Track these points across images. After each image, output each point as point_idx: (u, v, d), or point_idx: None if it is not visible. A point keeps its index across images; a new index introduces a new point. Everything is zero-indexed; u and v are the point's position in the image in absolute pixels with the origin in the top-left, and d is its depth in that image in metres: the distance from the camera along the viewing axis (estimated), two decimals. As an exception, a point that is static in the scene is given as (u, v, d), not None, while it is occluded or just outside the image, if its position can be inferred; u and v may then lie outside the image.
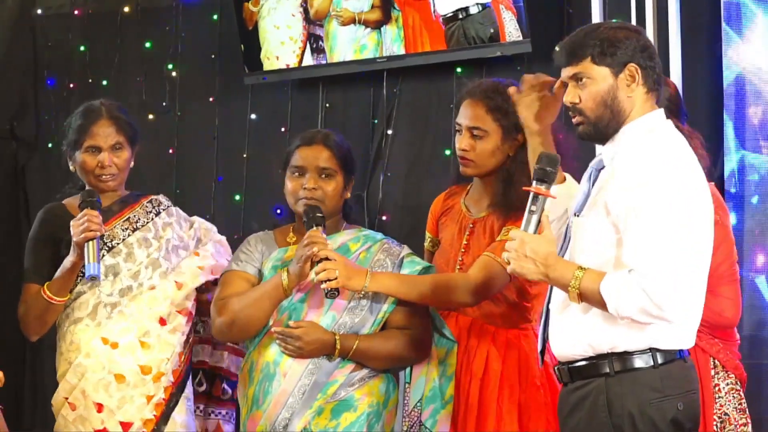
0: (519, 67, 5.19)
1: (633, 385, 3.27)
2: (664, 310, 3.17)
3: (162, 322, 4.15)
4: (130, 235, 4.19)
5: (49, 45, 6.35)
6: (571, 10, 5.14)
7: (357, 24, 5.46)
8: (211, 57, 6.01)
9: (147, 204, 4.27)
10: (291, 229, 4.09)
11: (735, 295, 4.14)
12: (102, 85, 6.19)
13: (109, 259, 4.14)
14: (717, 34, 4.78)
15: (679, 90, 4.57)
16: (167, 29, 6.07)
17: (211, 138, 5.99)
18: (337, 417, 3.88)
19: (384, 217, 5.55)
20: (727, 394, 4.11)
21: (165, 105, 6.08)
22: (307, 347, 3.84)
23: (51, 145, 6.15)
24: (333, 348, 3.86)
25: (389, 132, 5.56)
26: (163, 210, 4.30)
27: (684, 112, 4.26)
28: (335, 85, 5.69)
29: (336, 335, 3.86)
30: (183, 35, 6.05)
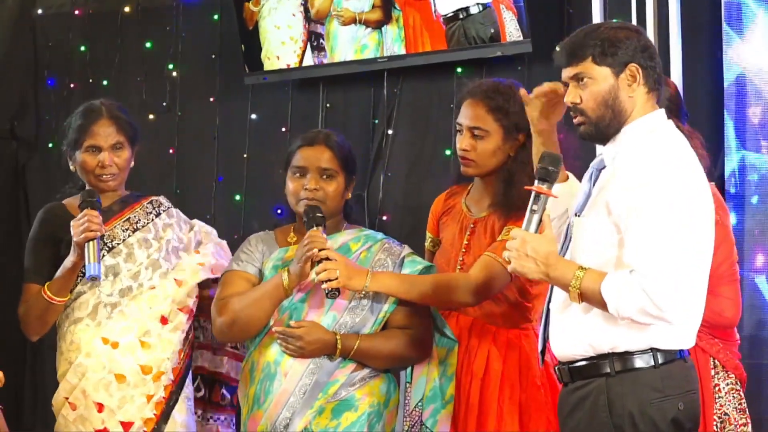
0: (519, 67, 5.20)
1: (634, 385, 3.27)
2: (665, 311, 3.17)
3: (163, 320, 4.14)
4: (131, 235, 4.19)
5: (49, 45, 6.35)
6: (571, 10, 5.14)
7: (358, 24, 5.46)
8: (212, 57, 6.00)
9: (147, 205, 4.27)
10: (292, 229, 4.09)
11: (735, 295, 4.13)
12: (102, 85, 6.18)
13: (109, 259, 4.14)
14: (717, 34, 4.78)
15: (680, 90, 4.57)
16: (168, 29, 6.06)
17: (211, 138, 5.99)
18: (338, 417, 3.87)
19: (384, 217, 5.54)
20: (727, 394, 4.11)
21: (165, 105, 6.08)
22: (308, 347, 3.84)
23: (51, 145, 6.15)
24: (334, 348, 3.85)
25: (390, 132, 5.56)
26: (163, 211, 4.30)
27: (684, 112, 4.26)
28: (336, 85, 5.69)
29: (337, 335, 3.86)
30: (183, 35, 6.05)
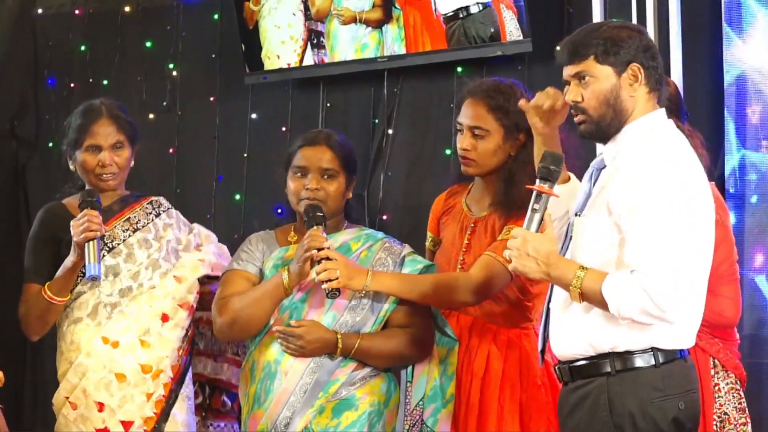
0: (519, 67, 5.20)
1: (634, 384, 3.27)
2: (666, 312, 3.17)
3: (164, 318, 4.14)
4: (131, 235, 4.19)
5: (49, 44, 6.35)
6: (571, 10, 5.13)
7: (358, 23, 5.46)
8: (212, 56, 6.00)
9: (147, 205, 4.27)
10: (292, 228, 4.09)
11: (735, 295, 4.14)
12: (102, 84, 6.18)
13: (109, 259, 4.14)
14: (718, 34, 4.78)
15: (680, 89, 4.57)
16: (168, 29, 6.06)
17: (211, 137, 5.98)
18: (338, 416, 3.87)
19: (384, 217, 5.54)
20: (726, 393, 4.11)
21: (165, 104, 6.07)
22: (308, 346, 3.84)
23: (51, 144, 6.15)
24: (334, 347, 3.85)
25: (390, 131, 5.55)
26: (163, 211, 4.30)
27: (684, 112, 4.26)
28: (336, 85, 5.68)
29: (338, 334, 3.86)
30: (183, 35, 6.04)
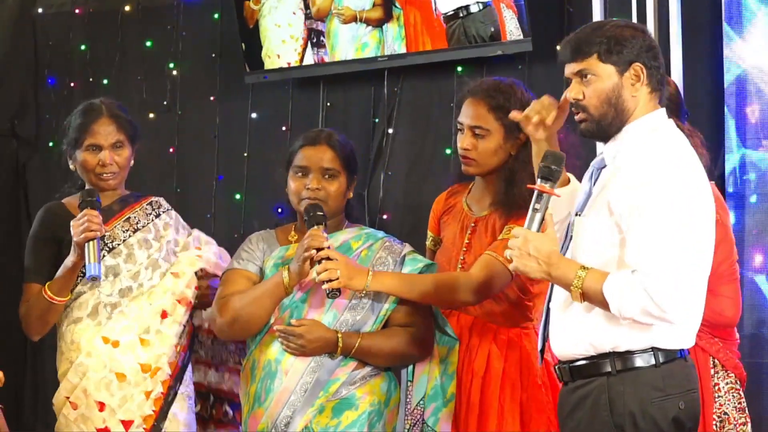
0: (520, 66, 5.20)
1: (635, 384, 3.27)
2: (667, 312, 3.16)
3: (164, 315, 4.14)
4: (131, 236, 4.19)
5: (49, 44, 6.35)
6: (571, 10, 5.14)
7: (358, 22, 5.46)
8: (212, 56, 6.00)
9: (147, 206, 4.27)
10: (293, 227, 4.08)
11: (735, 295, 4.14)
12: (103, 84, 6.18)
13: (109, 259, 4.13)
14: (718, 33, 4.78)
15: (680, 89, 4.56)
16: (168, 28, 6.06)
17: (211, 137, 5.98)
18: (338, 415, 3.87)
19: (385, 216, 5.54)
20: (726, 393, 4.11)
21: (166, 104, 6.08)
22: (309, 345, 3.84)
23: (52, 144, 6.15)
24: (335, 346, 3.85)
25: (390, 131, 5.55)
26: (163, 212, 4.30)
27: (684, 111, 4.26)
28: (336, 84, 5.69)
29: (338, 333, 3.86)
30: (184, 34, 6.05)
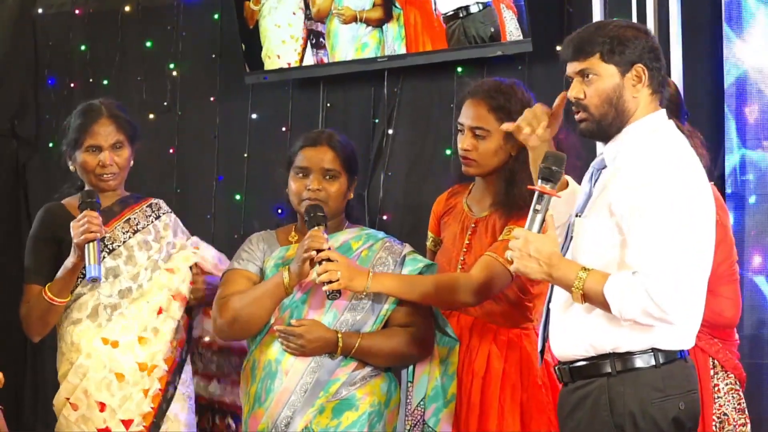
0: (520, 67, 5.20)
1: (635, 384, 3.27)
2: (668, 313, 3.17)
3: (159, 311, 4.15)
4: (131, 237, 4.19)
5: (49, 44, 6.35)
6: (571, 10, 5.14)
7: (358, 22, 5.46)
8: (212, 56, 6.00)
9: (147, 208, 4.27)
10: (293, 228, 4.08)
11: (735, 295, 4.14)
12: (103, 84, 6.18)
13: (109, 261, 4.13)
14: (718, 34, 4.78)
15: (680, 89, 4.56)
16: (168, 28, 6.06)
17: (211, 137, 5.98)
18: (338, 416, 3.87)
19: (385, 217, 5.54)
20: (726, 394, 4.11)
21: (166, 104, 6.08)
22: (309, 345, 3.84)
23: (52, 144, 6.15)
24: (335, 346, 3.85)
25: (390, 131, 5.56)
26: (163, 214, 4.30)
27: (684, 112, 4.26)
28: (336, 85, 5.69)
29: (338, 333, 3.86)
30: (184, 34, 6.05)
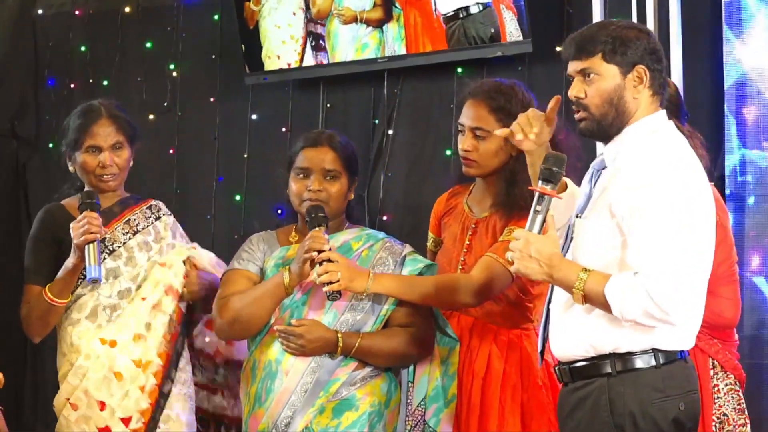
0: (520, 67, 5.20)
1: (635, 385, 3.27)
2: (669, 314, 3.17)
3: (155, 307, 4.14)
4: (131, 238, 4.19)
5: (49, 45, 6.34)
6: (571, 10, 5.14)
7: (359, 23, 5.46)
8: (212, 57, 6.00)
9: (146, 209, 4.27)
10: (293, 228, 4.09)
11: (734, 296, 4.14)
12: (103, 84, 6.18)
13: (110, 262, 4.14)
14: (718, 34, 4.78)
15: (680, 90, 4.57)
16: (168, 29, 6.06)
17: (211, 138, 5.98)
18: (338, 416, 3.87)
19: (385, 217, 5.54)
20: (726, 394, 4.11)
21: (165, 105, 6.07)
22: (309, 345, 3.84)
23: (51, 144, 6.14)
24: (335, 346, 3.85)
25: (390, 132, 5.55)
26: (163, 215, 4.30)
27: (684, 112, 4.26)
28: (336, 85, 5.68)
29: (338, 333, 3.86)
30: (184, 35, 6.04)
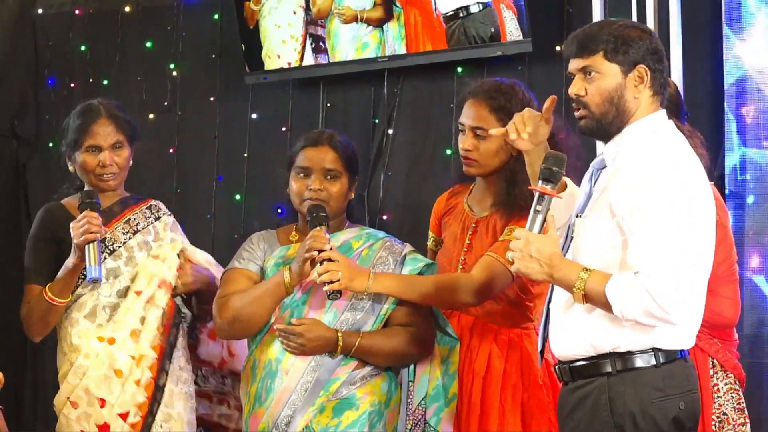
0: (520, 67, 5.20)
1: (635, 384, 3.27)
2: (670, 314, 3.17)
3: (150, 301, 4.15)
4: (131, 238, 4.19)
5: (49, 44, 6.35)
6: (571, 10, 5.14)
7: (359, 22, 5.46)
8: (212, 56, 6.00)
9: (146, 209, 4.28)
10: (294, 228, 4.08)
11: (734, 295, 4.14)
12: (103, 84, 6.18)
13: (110, 262, 4.14)
14: (718, 34, 4.78)
15: (680, 89, 4.57)
16: (168, 28, 6.06)
17: (211, 137, 5.99)
18: (339, 415, 3.87)
19: (385, 217, 5.54)
20: (725, 393, 4.11)
21: (166, 104, 6.08)
22: (309, 344, 3.84)
23: (52, 144, 6.15)
24: (335, 345, 3.85)
25: (390, 131, 5.56)
26: (162, 215, 4.30)
27: (684, 112, 4.26)
28: (336, 85, 5.69)
29: (338, 332, 3.86)
30: (184, 35, 6.05)
